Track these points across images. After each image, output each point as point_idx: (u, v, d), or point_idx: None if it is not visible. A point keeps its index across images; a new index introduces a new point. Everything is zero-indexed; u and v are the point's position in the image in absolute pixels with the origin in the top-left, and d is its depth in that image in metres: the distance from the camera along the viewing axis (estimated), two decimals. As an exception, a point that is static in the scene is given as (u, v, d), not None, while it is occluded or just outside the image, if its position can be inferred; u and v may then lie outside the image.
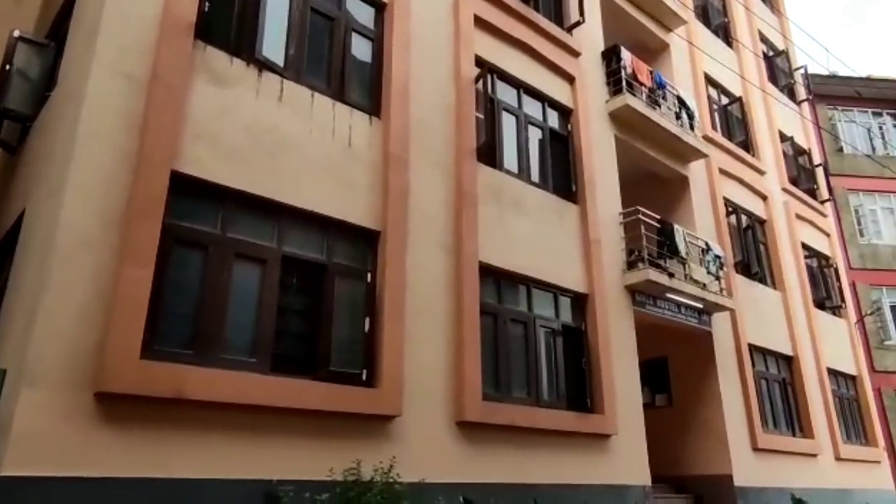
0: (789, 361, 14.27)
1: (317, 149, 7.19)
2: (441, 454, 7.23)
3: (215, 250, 6.18)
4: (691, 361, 12.32)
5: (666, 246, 11.16)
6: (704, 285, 11.69)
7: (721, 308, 12.07)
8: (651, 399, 12.77)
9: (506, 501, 7.41)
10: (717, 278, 12.20)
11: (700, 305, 11.72)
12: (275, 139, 6.85)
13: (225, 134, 6.48)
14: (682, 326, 11.84)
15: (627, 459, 9.40)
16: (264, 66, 6.98)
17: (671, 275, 10.80)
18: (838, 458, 14.27)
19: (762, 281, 14.47)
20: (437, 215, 8.16)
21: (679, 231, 11.44)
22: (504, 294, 8.83)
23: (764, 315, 13.83)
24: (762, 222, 15.33)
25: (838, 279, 17.13)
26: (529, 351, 8.83)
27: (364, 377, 6.81)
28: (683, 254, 11.37)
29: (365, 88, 8.12)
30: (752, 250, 14.15)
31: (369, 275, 7.22)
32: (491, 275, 8.66)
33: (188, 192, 6.15)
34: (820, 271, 16.48)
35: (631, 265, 10.78)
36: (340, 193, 7.25)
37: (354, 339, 6.90)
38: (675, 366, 12.63)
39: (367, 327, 7.00)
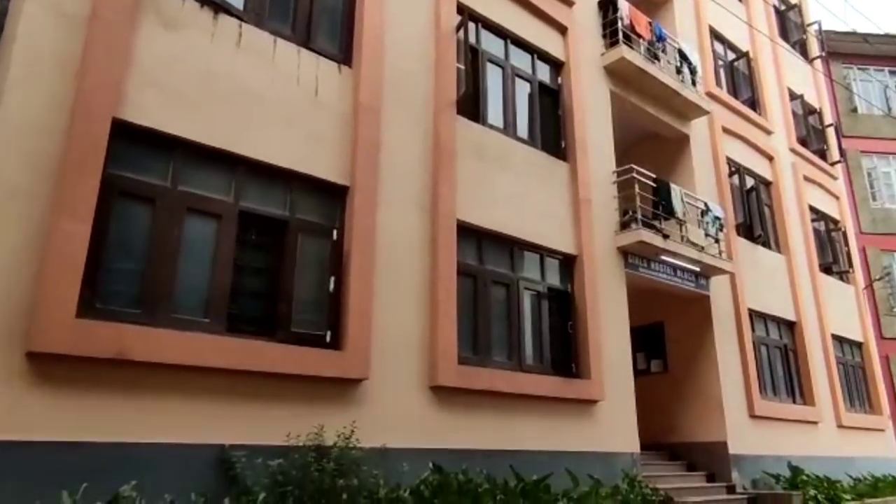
0: (791, 327, 13.83)
1: (279, 99, 6.76)
2: (413, 419, 6.93)
3: (164, 204, 5.82)
4: (688, 327, 11.92)
5: (661, 206, 10.68)
6: (702, 248, 11.23)
7: (720, 271, 11.61)
8: (647, 365, 12.44)
9: (483, 467, 7.12)
10: (717, 240, 11.72)
11: (697, 268, 11.27)
12: (232, 88, 6.43)
13: (176, 81, 6.06)
14: (678, 290, 11.42)
15: (615, 426, 9.09)
16: (220, 8, 6.52)
17: (665, 236, 10.33)
18: (840, 426, 13.91)
19: (765, 244, 13.95)
20: (412, 171, 7.74)
21: (676, 190, 10.94)
22: (486, 255, 8.44)
23: (766, 279, 13.36)
24: (767, 184, 14.75)
25: (846, 243, 16.56)
26: (512, 314, 8.47)
27: (328, 339, 6.48)
28: (680, 214, 10.89)
29: (335, 36, 7.65)
30: (755, 212, 13.61)
31: (335, 232, 6.85)
32: (471, 234, 8.26)
33: (134, 141, 5.77)
34: (827, 235, 15.92)
35: (624, 226, 10.33)
36: (305, 146, 6.84)
37: (318, 300, 6.56)
38: (672, 331, 12.24)
39: (332, 287, 6.65)
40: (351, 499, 5.30)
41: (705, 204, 11.72)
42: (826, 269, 15.67)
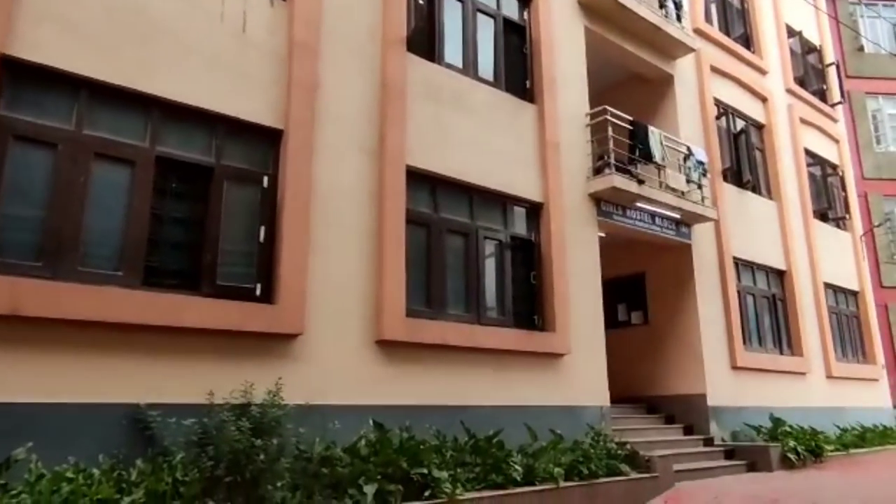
0: (781, 276, 13.36)
1: (200, 36, 6.23)
2: (355, 375, 6.61)
3: (68, 149, 5.39)
4: (669, 277, 11.49)
5: (638, 150, 10.12)
6: (683, 193, 10.70)
7: (702, 219, 11.11)
8: (627, 317, 12.07)
9: (434, 424, 6.81)
10: (699, 186, 11.18)
11: (677, 216, 10.76)
12: (144, 23, 5.91)
13: (77, 15, 5.55)
14: (659, 240, 10.95)
15: (583, 380, 8.76)
16: (129, -66, 5.95)
17: (641, 181, 9.81)
18: (830, 377, 13.57)
19: (755, 190, 13.38)
20: (356, 113, 7.24)
21: (654, 133, 10.36)
22: (441, 202, 7.98)
23: (754, 227, 12.84)
24: (760, 127, 14.08)
25: (844, 189, 15.92)
26: (471, 265, 8.06)
27: (258, 292, 6.11)
28: (658, 159, 10.33)
29: (268, -34, 7.05)
30: (744, 157, 12.99)
31: (266, 178, 6.40)
32: (424, 181, 7.80)
33: (29, 81, 5.31)
34: (823, 180, 15.29)
35: (598, 171, 9.81)
36: (232, 87, 6.34)
37: (247, 251, 6.18)
38: (653, 282, 11.82)
39: (262, 237, 6.25)
40: (270, 459, 5.00)
41: (687, 148, 11.14)
42: (821, 216, 15.11)
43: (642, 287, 11.93)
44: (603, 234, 11.11)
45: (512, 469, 6.56)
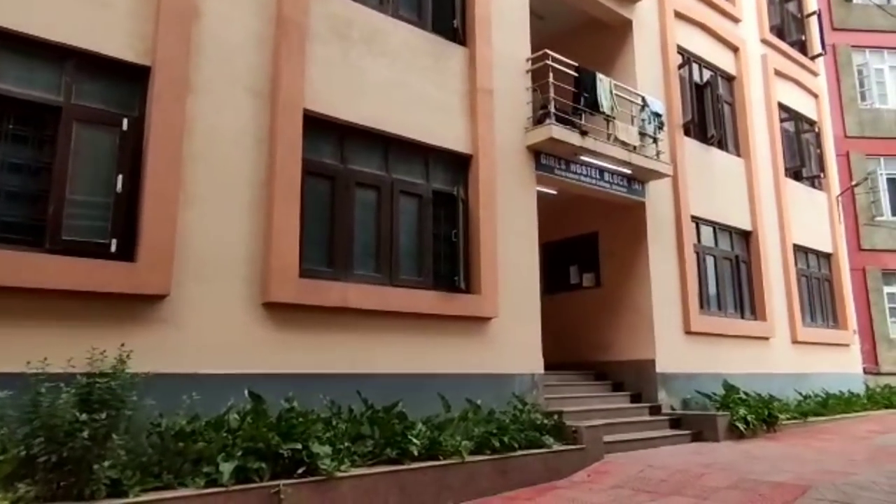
0: (746, 237, 12.69)
1: (46, -46, 5.44)
2: (236, 341, 5.99)
3: None
4: (622, 237, 10.83)
5: (583, 99, 9.35)
6: (635, 148, 9.96)
7: (657, 175, 10.39)
8: (579, 279, 11.45)
9: (330, 393, 6.21)
10: (655, 140, 10.44)
11: (628, 171, 10.04)
12: (-30, -64, 5.12)
13: None
14: (610, 197, 10.25)
15: (512, 346, 8.17)
16: None
17: (584, 133, 9.06)
18: (796, 342, 13.01)
19: (721, 146, 12.64)
20: (243, 49, 6.47)
21: (602, 81, 9.57)
22: (350, 153, 7.27)
23: (718, 184, 12.14)
24: (730, 78, 13.25)
25: (820, 146, 15.15)
26: (384, 221, 7.39)
27: (114, 249, 5.45)
28: (606, 109, 9.56)
29: None
30: (709, 109, 12.20)
31: (126, 121, 5.68)
32: (329, 129, 7.07)
33: None
34: (797, 137, 14.51)
35: (539, 122, 9.05)
36: (86, 16, 5.57)
37: (101, 203, 5.50)
38: (606, 242, 11.16)
39: (119, 187, 5.56)
40: (99, 434, 4.39)
41: (642, 98, 10.36)
42: (795, 175, 14.40)
43: (595, 248, 11.28)
44: (553, 192, 10.46)
45: (410, 443, 5.99)
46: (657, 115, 10.47)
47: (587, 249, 11.36)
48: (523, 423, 7.30)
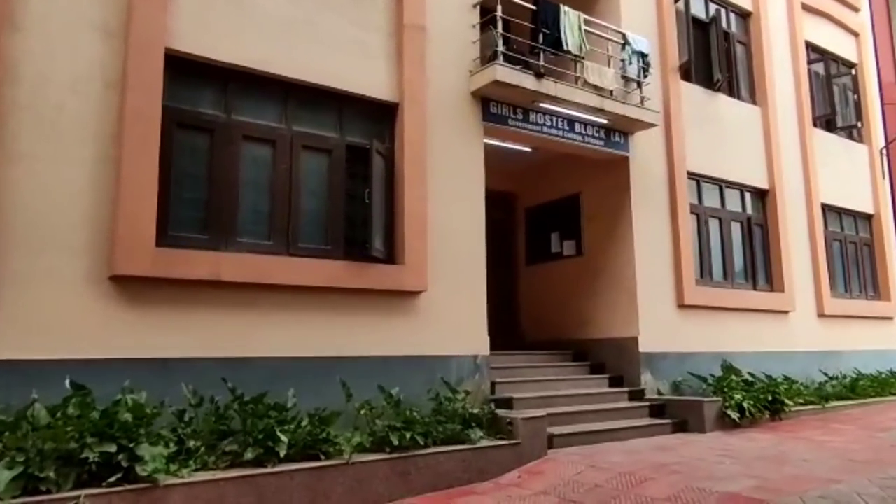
0: (762, 196, 11.09)
1: None
2: (71, 321, 5.10)
3: None
4: (606, 198, 9.49)
5: (542, 36, 8.02)
6: (611, 93, 8.58)
7: (642, 125, 8.98)
8: (560, 248, 10.17)
9: (194, 382, 5.27)
10: (639, 84, 9.01)
11: (603, 121, 8.67)
12: None
13: None
14: (584, 152, 8.93)
15: (447, 324, 7.07)
16: None
17: (540, 75, 7.74)
18: (822, 315, 11.37)
19: (732, 91, 11.03)
20: (86, -21, 5.49)
21: (568, 15, 8.21)
22: (235, 101, 6.23)
23: (726, 136, 10.57)
24: (744, 14, 11.56)
25: (857, 91, 13.21)
26: (279, 181, 6.35)
27: None
28: (573, 48, 8.21)
29: None
30: (715, 49, 10.60)
31: (-79, 64, 4.80)
32: (205, 73, 6.05)
33: None
34: (827, 81, 12.63)
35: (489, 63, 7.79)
36: None
37: None
38: (588, 205, 9.84)
39: None
40: None
41: (623, 36, 8.92)
42: (827, 125, 12.59)
43: (577, 212, 9.96)
44: (527, 148, 9.25)
45: (277, 441, 5.01)
46: (642, 55, 9.02)
47: (569, 214, 10.06)
48: (447, 415, 6.23)
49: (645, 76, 9.04)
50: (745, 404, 8.09)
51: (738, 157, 10.67)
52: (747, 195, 10.92)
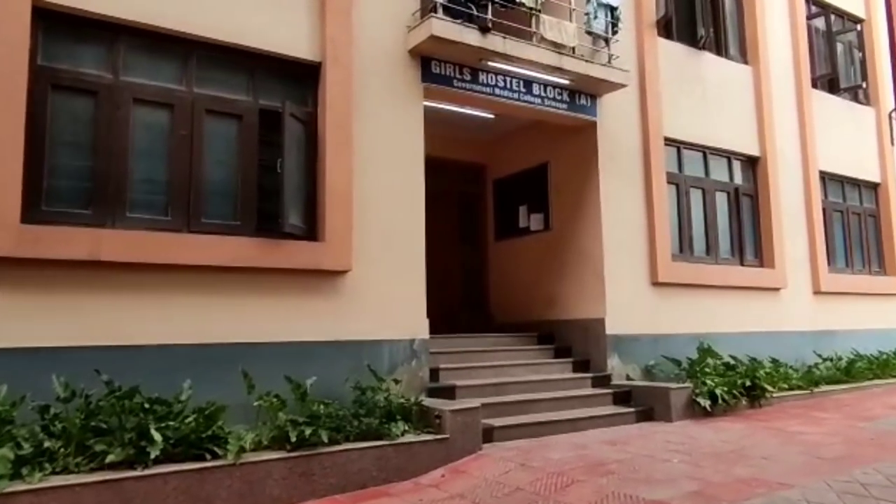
0: (752, 164, 10.24)
1: None
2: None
3: None
4: (574, 167, 8.74)
5: (491, -14, 7.23)
6: (573, 49, 7.79)
7: (611, 86, 8.18)
8: (528, 221, 9.46)
9: (68, 372, 4.71)
10: (606, 41, 8.20)
11: (564, 81, 7.89)
12: None
13: None
14: (545, 116, 8.18)
15: (378, 306, 6.42)
16: None
17: (486, 30, 6.97)
18: (818, 293, 10.54)
19: (719, 49, 10.14)
20: (-66, -79, 4.85)
21: (521, -37, 7.41)
22: (126, 60, 5.56)
23: (711, 99, 9.72)
24: (735, -33, 10.60)
25: (863, 48, 12.18)
26: (177, 149, 5.70)
27: None
28: (527, 0, 7.41)
29: None
30: (699, 3, 9.70)
31: None
32: (85, 28, 5.39)
33: None
34: (829, 37, 11.63)
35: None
36: None
37: None
38: (556, 175, 9.09)
39: None
40: None
41: (588, -14, 8.10)
42: (830, 86, 11.63)
43: (545, 183, 9.22)
44: (490, 115, 8.52)
45: (151, 440, 4.44)
46: (611, 7, 8.19)
47: (537, 186, 9.32)
48: (368, 407, 5.63)
49: (614, 32, 8.23)
50: (717, 391, 7.37)
51: (725, 121, 9.82)
52: (736, 163, 10.08)
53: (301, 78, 6.38)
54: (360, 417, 5.43)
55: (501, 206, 10.05)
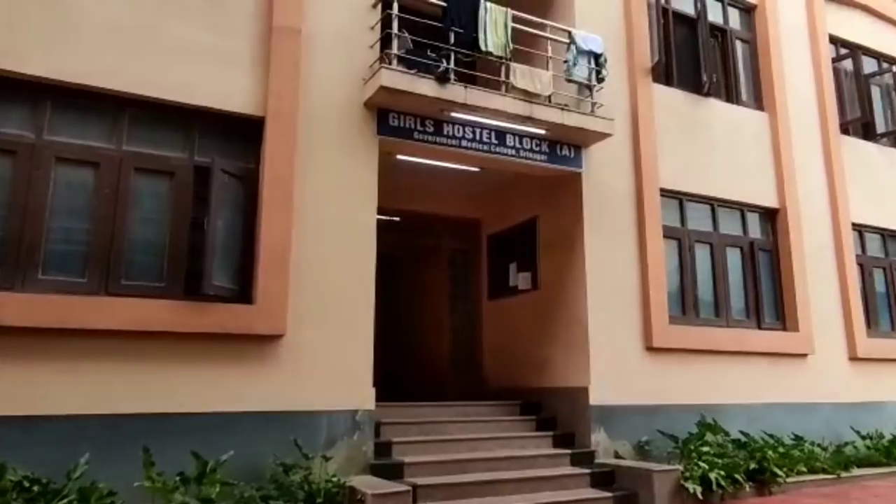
0: (771, 216, 9.36)
1: None
2: None
3: None
4: (561, 222, 8.15)
5: (456, 36, 6.90)
6: (549, 98, 7.33)
7: (596, 136, 7.63)
8: (517, 280, 8.86)
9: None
10: (589, 88, 7.70)
11: (540, 131, 7.40)
12: None
13: None
14: (525, 169, 7.71)
15: (317, 373, 5.96)
16: None
17: (444, 79, 6.60)
18: (855, 359, 9.38)
19: (728, 96, 9.46)
20: None
21: (490, 11, 7.07)
22: (50, 119, 5.48)
23: (720, 148, 9.00)
24: (748, 8, 9.99)
25: (899, 90, 11.19)
26: (100, 207, 5.51)
27: None
28: (494, 48, 7.04)
29: None
30: (703, 48, 9.10)
31: None
32: (12, 88, 5.34)
33: None
34: (858, 80, 10.71)
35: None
36: None
37: None
38: (545, 230, 8.52)
39: None
40: None
41: (569, 34, 7.67)
42: (864, 131, 10.68)
43: (533, 239, 8.65)
44: (476, 169, 8.13)
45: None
46: (594, 55, 7.72)
47: (526, 242, 8.76)
48: (283, 489, 5.11)
49: (599, 79, 7.73)
50: (712, 475, 6.44)
51: (736, 171, 9.05)
52: (751, 216, 9.23)
53: (242, 133, 6.16)
54: (270, 500, 4.92)
55: (495, 263, 9.51)
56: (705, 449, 6.89)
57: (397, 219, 9.54)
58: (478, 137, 7.19)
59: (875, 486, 7.46)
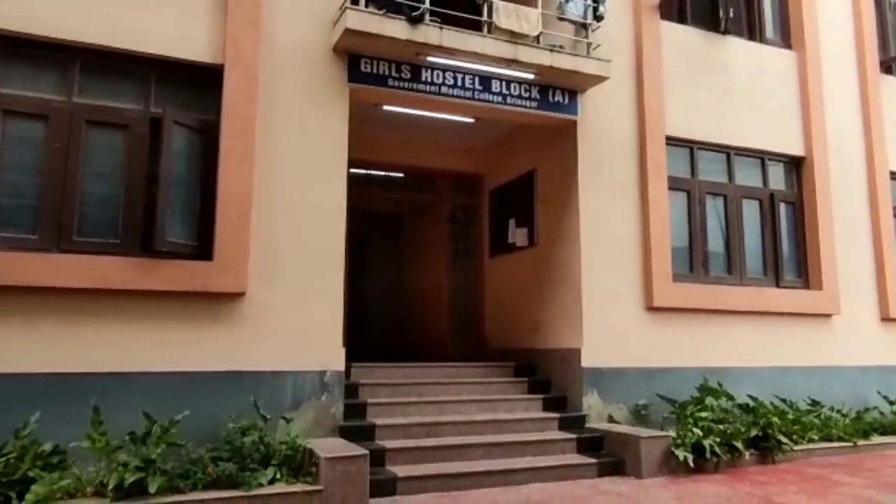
0: (795, 165, 8.62)
1: None
2: None
3: None
4: (557, 175, 7.66)
5: (430, -28, 6.40)
6: (538, 38, 6.78)
7: (593, 79, 7.06)
8: (514, 237, 8.45)
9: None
10: (584, 27, 7.10)
11: (528, 75, 6.87)
12: None
13: None
14: (514, 116, 7.22)
15: (281, 332, 5.75)
16: None
17: (416, 20, 6.13)
18: (887, 319, 8.66)
19: (751, 34, 8.66)
20: None
21: (469, -56, 6.53)
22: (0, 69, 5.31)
23: (738, 91, 8.29)
24: (773, -64, 9.06)
25: (954, 22, 10.05)
26: (50, 162, 5.32)
27: None
28: (471, -17, 6.53)
29: None
30: (720, -19, 8.31)
31: None
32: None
33: None
34: (904, 11, 9.68)
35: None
36: None
37: None
38: (542, 183, 8.05)
39: None
40: None
41: (560, -34, 7.06)
42: (906, 70, 9.70)
43: (531, 193, 8.18)
44: (469, 120, 7.72)
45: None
46: (589, -11, 7.10)
47: (524, 196, 8.30)
48: (235, 450, 4.96)
49: (596, 17, 7.11)
50: (706, 442, 6.00)
51: (757, 116, 8.33)
52: (771, 165, 8.51)
53: (201, 83, 5.87)
54: (219, 462, 4.77)
55: (497, 219, 9.08)
56: (703, 414, 6.43)
57: (400, 175, 9.26)
58: (459, 83, 6.72)
59: (890, 455, 6.87)
